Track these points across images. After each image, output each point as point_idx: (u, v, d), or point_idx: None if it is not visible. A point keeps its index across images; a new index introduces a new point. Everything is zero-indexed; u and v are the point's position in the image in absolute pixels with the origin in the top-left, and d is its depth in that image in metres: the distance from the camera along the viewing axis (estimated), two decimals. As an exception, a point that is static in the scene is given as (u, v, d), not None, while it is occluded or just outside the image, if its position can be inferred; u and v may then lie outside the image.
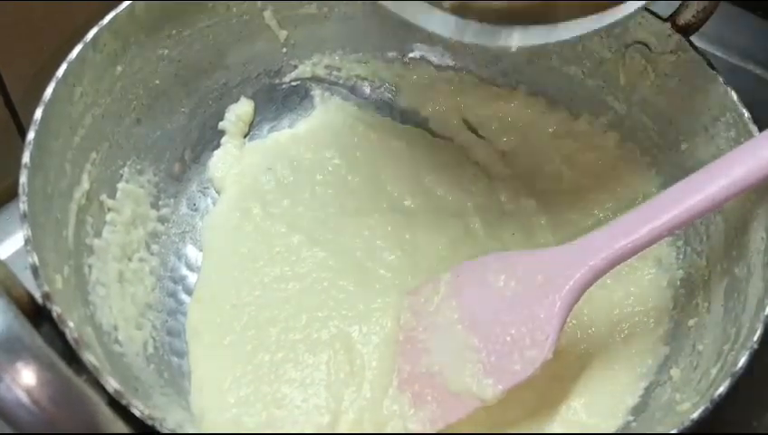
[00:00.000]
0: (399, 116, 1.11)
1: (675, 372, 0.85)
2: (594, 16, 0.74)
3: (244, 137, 1.07)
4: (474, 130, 1.09)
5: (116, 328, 0.84)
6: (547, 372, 0.85)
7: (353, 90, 1.11)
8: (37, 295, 0.70)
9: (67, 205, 0.83)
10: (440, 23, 0.75)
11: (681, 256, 0.95)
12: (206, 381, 0.88)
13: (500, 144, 1.07)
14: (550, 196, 1.03)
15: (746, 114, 0.87)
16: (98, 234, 0.88)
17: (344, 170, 1.03)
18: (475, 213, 1.01)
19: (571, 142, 1.05)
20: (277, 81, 1.09)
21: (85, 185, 0.86)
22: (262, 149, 1.05)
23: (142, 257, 0.94)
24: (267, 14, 1.04)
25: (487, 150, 1.07)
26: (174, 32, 0.97)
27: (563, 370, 0.87)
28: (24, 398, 0.53)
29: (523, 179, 1.04)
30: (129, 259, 0.92)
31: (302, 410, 0.86)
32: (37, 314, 0.69)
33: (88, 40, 0.86)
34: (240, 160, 1.03)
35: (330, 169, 1.03)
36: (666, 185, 0.97)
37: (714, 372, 0.78)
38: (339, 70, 1.11)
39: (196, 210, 1.02)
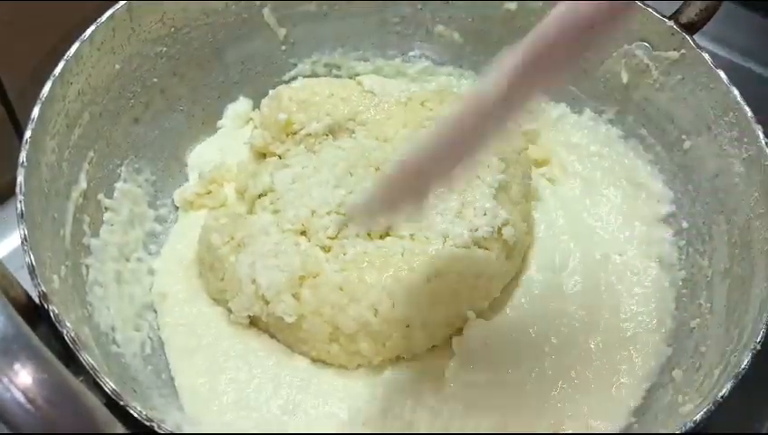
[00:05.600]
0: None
1: (677, 374, 0.84)
2: None
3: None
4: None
5: (114, 329, 0.83)
6: (550, 373, 0.86)
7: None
8: (34, 295, 0.70)
9: (64, 204, 0.83)
10: None
11: (683, 257, 0.94)
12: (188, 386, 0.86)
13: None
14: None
15: (749, 113, 0.87)
16: (95, 234, 0.87)
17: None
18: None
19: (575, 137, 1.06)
20: (276, 79, 1.08)
21: (83, 184, 0.86)
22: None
23: (140, 257, 0.93)
24: (266, 11, 1.03)
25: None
26: (172, 29, 0.96)
27: (565, 371, 0.87)
28: (21, 398, 0.53)
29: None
30: (127, 259, 0.91)
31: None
32: (34, 313, 0.69)
33: (86, 37, 0.86)
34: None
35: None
36: (668, 182, 0.98)
37: (716, 373, 0.78)
38: (338, 68, 1.10)
39: (194, 210, 1.02)
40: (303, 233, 0.88)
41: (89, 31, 0.86)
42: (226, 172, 0.99)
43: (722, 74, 0.89)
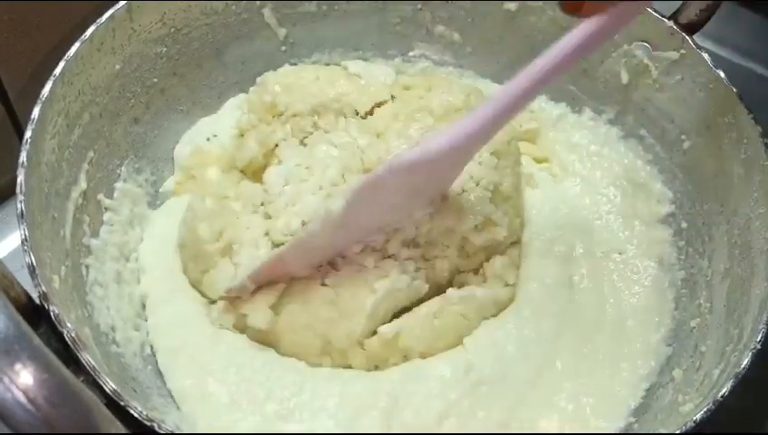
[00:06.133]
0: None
1: (677, 373, 0.84)
2: None
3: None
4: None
5: (113, 329, 0.83)
6: (558, 372, 0.86)
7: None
8: (34, 295, 0.70)
9: (64, 204, 0.83)
10: None
11: (683, 257, 0.95)
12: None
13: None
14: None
15: (748, 113, 0.87)
16: (95, 234, 0.87)
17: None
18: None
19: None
20: (276, 80, 1.08)
21: (83, 184, 0.86)
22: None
23: (140, 257, 0.93)
24: (266, 11, 1.03)
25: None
26: (172, 30, 0.96)
27: (574, 370, 0.86)
28: (22, 398, 0.53)
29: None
30: (127, 259, 0.91)
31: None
32: (34, 313, 0.69)
33: (86, 38, 0.86)
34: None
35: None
36: (668, 182, 0.98)
37: (716, 372, 0.78)
38: (339, 65, 1.10)
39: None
40: None
41: (89, 31, 0.86)
42: (206, 155, 0.98)
43: (721, 74, 0.90)
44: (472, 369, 0.84)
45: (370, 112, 0.95)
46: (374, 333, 0.84)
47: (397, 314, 0.87)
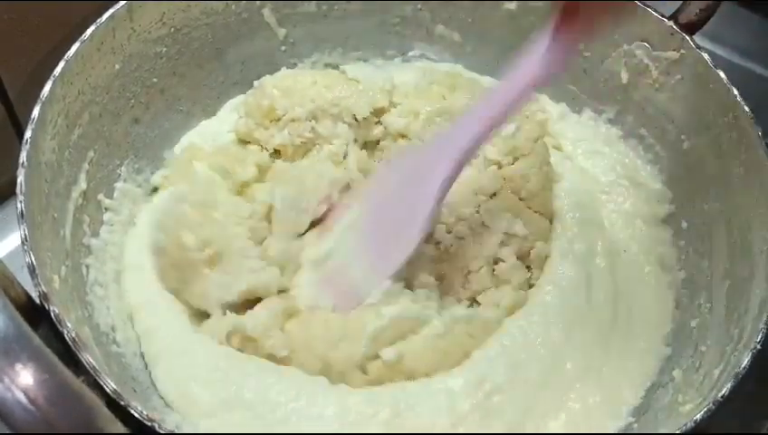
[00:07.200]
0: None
1: (677, 373, 0.84)
2: None
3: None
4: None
5: (114, 329, 0.83)
6: (549, 372, 0.85)
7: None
8: (35, 295, 0.70)
9: (65, 204, 0.83)
10: None
11: (683, 257, 0.95)
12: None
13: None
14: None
15: (748, 113, 0.87)
16: (95, 234, 0.87)
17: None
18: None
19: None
20: (276, 79, 1.08)
21: (83, 184, 0.86)
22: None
23: (140, 257, 0.93)
24: (266, 11, 1.03)
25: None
26: (172, 29, 0.96)
27: (576, 373, 0.86)
28: (23, 398, 0.53)
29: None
30: (127, 259, 0.91)
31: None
32: (35, 313, 0.69)
33: (86, 37, 0.86)
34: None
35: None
36: (669, 182, 0.98)
37: (716, 373, 0.78)
38: (338, 68, 1.10)
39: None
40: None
41: (89, 31, 0.86)
42: (198, 152, 0.98)
43: (721, 74, 0.90)
44: (485, 380, 0.82)
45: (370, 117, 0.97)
46: (376, 356, 0.82)
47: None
